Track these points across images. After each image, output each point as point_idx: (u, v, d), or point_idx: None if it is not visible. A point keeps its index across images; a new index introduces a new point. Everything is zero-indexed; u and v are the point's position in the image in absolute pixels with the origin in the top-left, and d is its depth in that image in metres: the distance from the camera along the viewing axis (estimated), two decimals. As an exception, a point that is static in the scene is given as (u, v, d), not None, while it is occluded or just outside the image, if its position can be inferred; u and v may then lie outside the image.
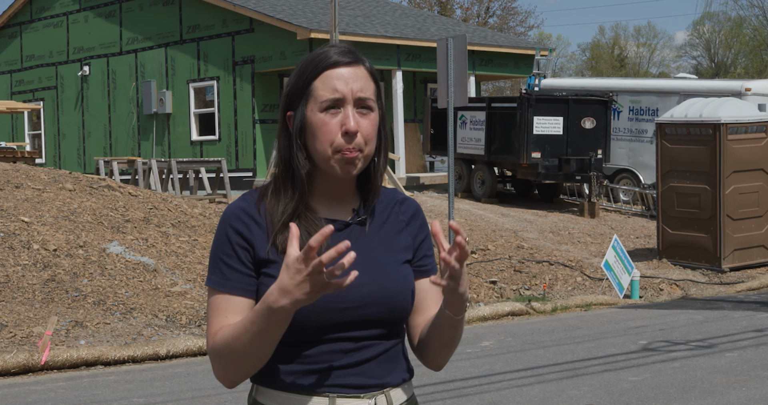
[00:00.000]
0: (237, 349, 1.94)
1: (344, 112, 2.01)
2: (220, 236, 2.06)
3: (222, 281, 2.03)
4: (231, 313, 2.01)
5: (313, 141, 2.03)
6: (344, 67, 2.03)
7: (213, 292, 2.04)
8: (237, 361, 1.96)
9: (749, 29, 55.68)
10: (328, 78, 2.02)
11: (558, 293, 12.93)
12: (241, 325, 1.93)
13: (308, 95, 2.03)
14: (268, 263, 2.01)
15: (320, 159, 2.03)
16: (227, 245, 2.04)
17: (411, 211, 2.19)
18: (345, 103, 2.01)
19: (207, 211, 14.17)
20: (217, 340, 1.98)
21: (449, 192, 11.65)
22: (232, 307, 2.01)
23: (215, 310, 2.02)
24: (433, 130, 21.03)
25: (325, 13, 22.15)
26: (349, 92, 2.01)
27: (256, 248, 2.02)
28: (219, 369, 2.01)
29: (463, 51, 11.43)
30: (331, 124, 2.00)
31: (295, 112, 2.05)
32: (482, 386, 7.40)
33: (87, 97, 25.69)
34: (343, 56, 2.04)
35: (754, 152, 14.56)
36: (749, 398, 6.86)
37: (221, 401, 7.00)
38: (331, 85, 2.01)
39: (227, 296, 2.02)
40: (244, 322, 1.93)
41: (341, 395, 2.01)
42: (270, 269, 2.01)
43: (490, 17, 50.95)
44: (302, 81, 2.05)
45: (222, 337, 1.97)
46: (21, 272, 10.30)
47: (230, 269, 2.03)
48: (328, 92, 2.01)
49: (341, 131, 2.00)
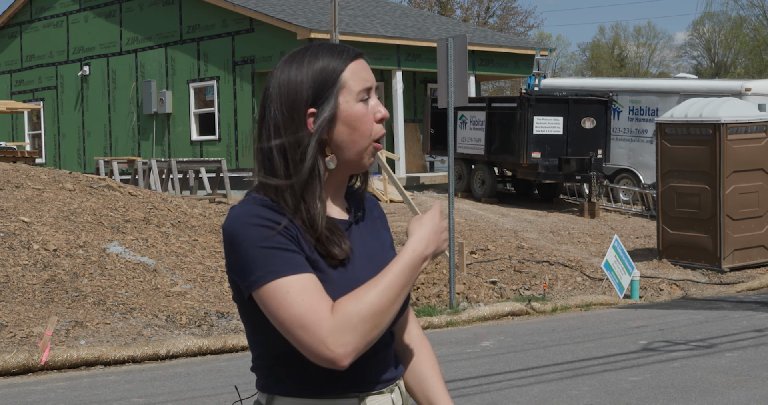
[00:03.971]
0: (385, 307, 1.87)
1: (374, 101, 2.02)
2: (256, 230, 1.89)
3: (287, 265, 1.88)
4: (319, 288, 1.89)
5: (351, 133, 1.98)
6: (362, 59, 2.04)
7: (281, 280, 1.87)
8: (383, 322, 1.89)
9: (749, 29, 55.68)
10: (356, 68, 2.00)
11: (558, 293, 12.93)
12: (383, 284, 1.89)
13: (341, 87, 1.97)
14: (313, 264, 1.93)
15: (356, 151, 2.00)
16: (272, 234, 1.89)
17: (378, 209, 2.21)
18: (371, 92, 2.02)
19: (207, 211, 14.17)
20: (349, 310, 1.85)
21: (449, 192, 11.65)
22: (317, 283, 1.89)
23: (304, 292, 1.86)
24: (433, 130, 21.03)
25: (325, 13, 22.15)
26: (373, 81, 2.04)
27: (301, 243, 1.92)
28: (356, 340, 1.85)
29: (463, 51, 11.43)
30: (369, 113, 2.00)
31: (321, 106, 1.96)
32: (482, 386, 7.39)
33: (87, 97, 25.69)
34: (353, 50, 2.04)
35: (754, 152, 14.55)
36: (749, 398, 6.86)
37: (221, 401, 7.00)
38: (361, 75, 2.01)
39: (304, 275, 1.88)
40: (384, 280, 1.89)
41: (370, 393, 2.02)
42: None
43: (490, 17, 50.96)
44: (327, 75, 1.97)
45: (359, 303, 1.86)
46: (21, 272, 10.30)
47: (291, 252, 1.89)
48: (361, 82, 2.00)
49: (375, 119, 2.01)
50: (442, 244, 2.00)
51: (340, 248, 1.96)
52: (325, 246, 1.94)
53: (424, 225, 1.98)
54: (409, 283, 1.93)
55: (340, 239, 1.98)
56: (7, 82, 27.84)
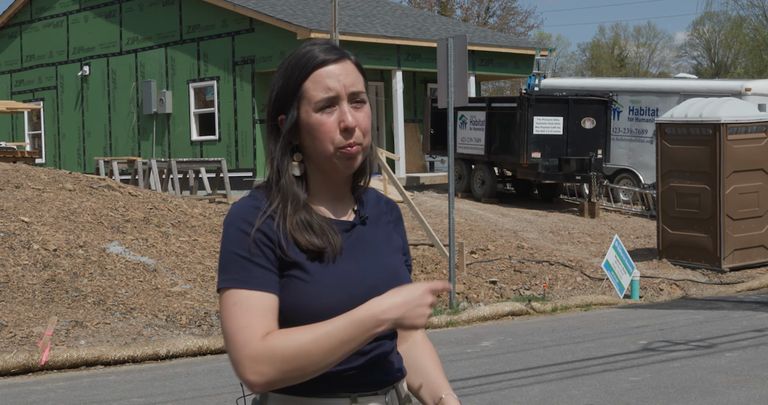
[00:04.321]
0: (314, 354, 1.86)
1: (340, 109, 2.00)
2: (236, 234, 1.97)
3: (248, 279, 1.93)
4: (268, 312, 1.92)
5: (312, 142, 2.01)
6: (333, 65, 2.01)
7: (234, 292, 1.93)
8: (308, 368, 1.88)
9: (749, 29, 55.66)
10: (319, 77, 2.00)
11: (558, 293, 12.93)
12: (320, 332, 1.88)
13: (300, 97, 2.00)
14: (295, 266, 1.97)
15: (322, 159, 2.01)
16: (248, 242, 1.95)
17: (396, 212, 2.22)
18: (339, 100, 2.00)
19: (207, 211, 14.17)
20: (277, 344, 1.87)
21: (449, 192, 11.65)
22: (265, 304, 1.92)
23: (247, 310, 1.91)
24: (433, 130, 21.03)
25: (325, 13, 22.15)
26: (342, 89, 2.00)
27: (282, 247, 1.97)
28: (272, 374, 1.88)
29: (463, 51, 11.43)
30: (328, 123, 1.99)
31: (287, 115, 2.02)
32: (482, 386, 7.40)
33: (87, 97, 25.69)
34: (329, 53, 2.02)
35: (754, 152, 14.56)
36: (749, 398, 6.86)
37: (221, 401, 7.00)
38: (324, 84, 1.99)
39: (255, 294, 1.93)
40: (324, 328, 1.88)
41: (362, 394, 2.02)
42: (296, 272, 1.98)
43: (490, 17, 50.96)
44: (291, 83, 2.01)
45: (289, 340, 1.88)
46: (21, 272, 10.30)
47: (256, 266, 1.94)
48: (322, 92, 1.99)
49: (340, 128, 1.99)
50: (412, 316, 1.89)
51: (321, 240, 1.98)
52: (305, 238, 1.98)
53: (400, 292, 1.91)
54: (353, 339, 1.88)
55: (325, 232, 2.00)
56: (7, 82, 27.84)
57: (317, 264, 1.98)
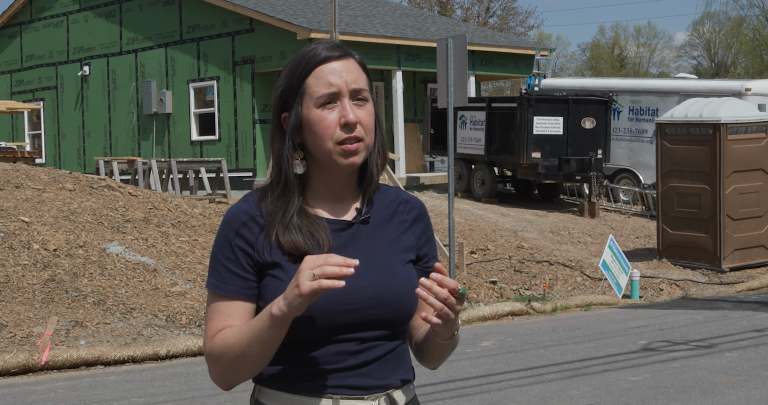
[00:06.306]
0: (236, 352, 1.95)
1: (341, 105, 2.01)
2: (221, 239, 2.05)
3: (220, 284, 2.03)
4: (229, 317, 2.01)
5: (312, 138, 2.02)
6: (335, 61, 2.02)
7: (212, 294, 2.05)
8: (234, 364, 1.97)
9: (749, 29, 55.67)
10: (321, 73, 2.01)
11: (558, 293, 12.93)
12: (245, 329, 1.95)
13: (303, 93, 2.02)
14: (273, 266, 2.01)
15: (322, 155, 2.02)
16: (228, 248, 2.03)
17: (416, 212, 2.18)
18: (341, 96, 2.01)
19: (207, 211, 14.16)
20: (215, 343, 1.99)
21: (449, 192, 11.65)
22: (230, 311, 2.02)
23: (213, 313, 2.03)
24: (433, 130, 21.03)
25: (325, 13, 22.14)
26: (343, 85, 2.01)
27: (259, 251, 2.02)
28: (216, 372, 2.02)
29: (463, 51, 11.43)
30: (329, 118, 2.00)
31: (290, 112, 2.04)
32: (482, 386, 7.40)
33: (87, 97, 25.69)
34: (333, 51, 2.04)
35: (754, 152, 14.56)
36: (749, 398, 6.86)
37: (221, 401, 7.01)
38: (326, 80, 2.01)
39: (225, 299, 2.03)
40: (248, 326, 1.95)
41: (345, 397, 2.00)
42: (275, 271, 2.00)
43: (490, 17, 50.96)
44: (295, 80, 2.04)
45: (222, 339, 1.98)
46: (21, 272, 10.30)
47: (229, 272, 2.02)
48: (324, 87, 2.01)
49: (340, 124, 2.00)
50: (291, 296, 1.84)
51: (307, 241, 2.00)
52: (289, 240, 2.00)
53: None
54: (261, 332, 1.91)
55: (313, 233, 2.01)
56: (7, 82, 27.84)
57: (299, 264, 1.95)
